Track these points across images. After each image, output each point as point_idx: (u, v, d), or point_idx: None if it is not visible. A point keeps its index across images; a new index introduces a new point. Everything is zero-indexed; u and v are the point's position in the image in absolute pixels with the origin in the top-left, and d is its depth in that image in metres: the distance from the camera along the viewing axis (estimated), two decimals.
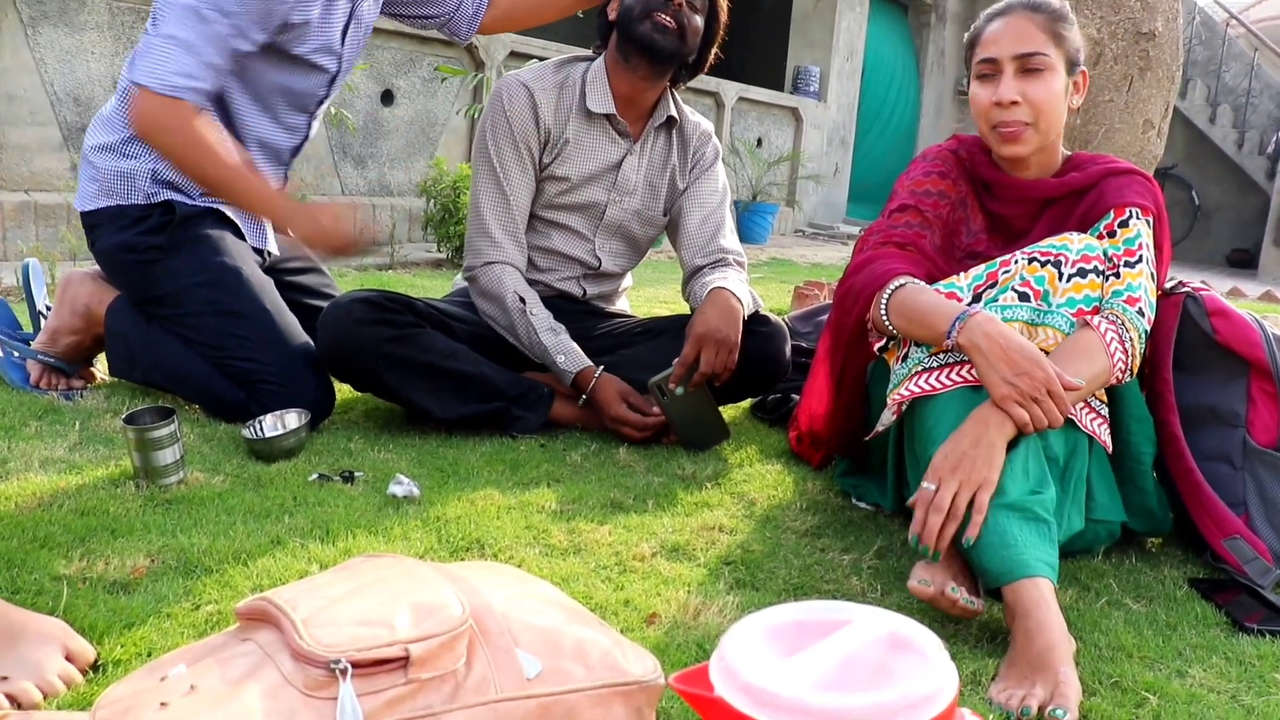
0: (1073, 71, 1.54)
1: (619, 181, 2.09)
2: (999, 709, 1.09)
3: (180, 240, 1.93)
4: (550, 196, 2.09)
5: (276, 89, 2.00)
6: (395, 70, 5.41)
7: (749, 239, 7.55)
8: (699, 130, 2.17)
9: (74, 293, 2.06)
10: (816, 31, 9.21)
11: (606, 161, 2.08)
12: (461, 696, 0.80)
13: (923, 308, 1.43)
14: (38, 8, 3.91)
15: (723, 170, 2.21)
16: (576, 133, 2.05)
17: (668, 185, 2.16)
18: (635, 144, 2.09)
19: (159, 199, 1.93)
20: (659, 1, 1.95)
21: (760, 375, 2.08)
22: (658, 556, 1.44)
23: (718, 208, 2.15)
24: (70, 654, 1.01)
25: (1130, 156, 2.88)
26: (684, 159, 2.16)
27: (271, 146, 2.06)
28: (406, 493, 1.59)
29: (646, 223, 2.18)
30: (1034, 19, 1.51)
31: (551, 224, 2.11)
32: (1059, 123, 1.55)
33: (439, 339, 1.92)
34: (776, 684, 0.70)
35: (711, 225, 2.12)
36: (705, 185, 2.15)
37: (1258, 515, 1.53)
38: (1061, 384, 1.30)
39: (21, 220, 3.80)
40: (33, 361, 2.06)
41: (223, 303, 1.90)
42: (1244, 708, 1.14)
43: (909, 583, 1.25)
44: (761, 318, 2.07)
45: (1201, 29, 10.62)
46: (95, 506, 1.45)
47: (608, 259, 2.16)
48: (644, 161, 2.11)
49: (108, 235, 1.95)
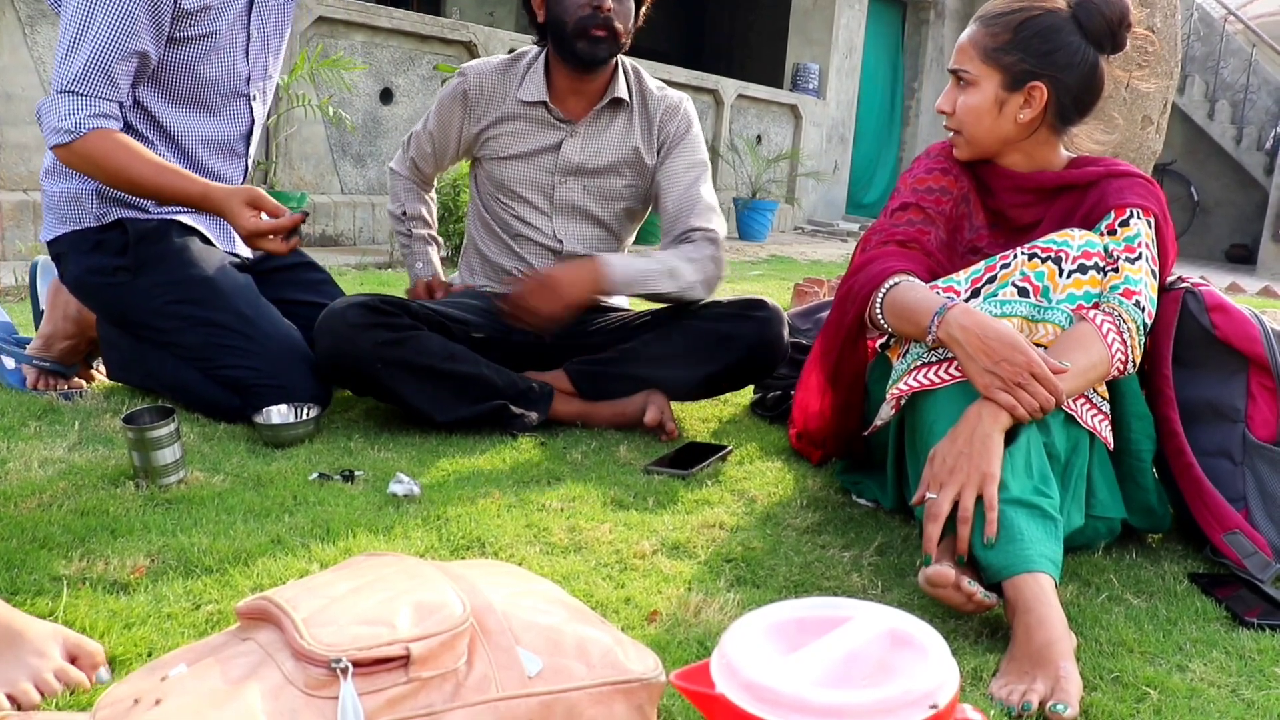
0: (1017, 86, 1.53)
1: (560, 163, 2.11)
2: (1000, 704, 1.09)
3: (144, 259, 1.90)
4: (498, 177, 2.15)
5: (200, 81, 1.94)
6: (394, 69, 5.40)
7: (749, 236, 7.55)
8: (663, 106, 2.15)
9: (65, 297, 2.05)
10: (816, 29, 9.21)
11: (543, 144, 2.11)
12: (463, 695, 0.80)
13: (910, 305, 1.43)
14: (35, 6, 3.91)
15: (698, 141, 2.17)
16: (512, 116, 2.11)
17: (632, 163, 2.15)
18: (577, 126, 2.10)
19: (109, 219, 1.91)
20: (589, 17, 1.97)
21: (758, 361, 2.08)
22: (658, 554, 1.44)
23: (691, 185, 2.13)
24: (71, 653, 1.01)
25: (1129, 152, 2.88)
26: (649, 136, 2.15)
27: (218, 141, 2.02)
28: (407, 491, 1.59)
29: (608, 200, 2.16)
30: (975, 34, 1.56)
31: (509, 208, 2.16)
32: (988, 134, 1.57)
33: (436, 341, 1.91)
34: (778, 681, 0.70)
35: (685, 203, 2.11)
36: (676, 163, 2.13)
37: (1257, 510, 1.54)
38: (1048, 367, 1.30)
39: (20, 220, 3.80)
40: (27, 367, 2.06)
41: (199, 316, 1.87)
42: (1244, 702, 1.14)
43: (923, 571, 1.24)
44: (758, 302, 2.08)
45: (1199, 25, 10.62)
46: (95, 506, 1.45)
47: (571, 241, 2.16)
48: (588, 143, 2.12)
49: (73, 262, 1.93)
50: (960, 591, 1.21)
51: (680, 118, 2.16)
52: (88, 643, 1.03)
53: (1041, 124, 1.56)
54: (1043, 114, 1.55)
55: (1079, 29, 1.52)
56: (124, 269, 1.90)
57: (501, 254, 2.19)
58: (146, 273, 1.89)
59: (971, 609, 1.23)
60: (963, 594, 1.21)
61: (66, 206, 1.91)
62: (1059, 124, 1.57)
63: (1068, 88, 1.53)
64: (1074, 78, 1.52)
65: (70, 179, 1.91)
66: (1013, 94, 1.53)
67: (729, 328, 2.05)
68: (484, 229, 2.22)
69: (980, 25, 1.56)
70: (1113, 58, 1.57)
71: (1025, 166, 1.61)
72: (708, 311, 2.09)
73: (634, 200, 2.19)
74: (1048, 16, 1.51)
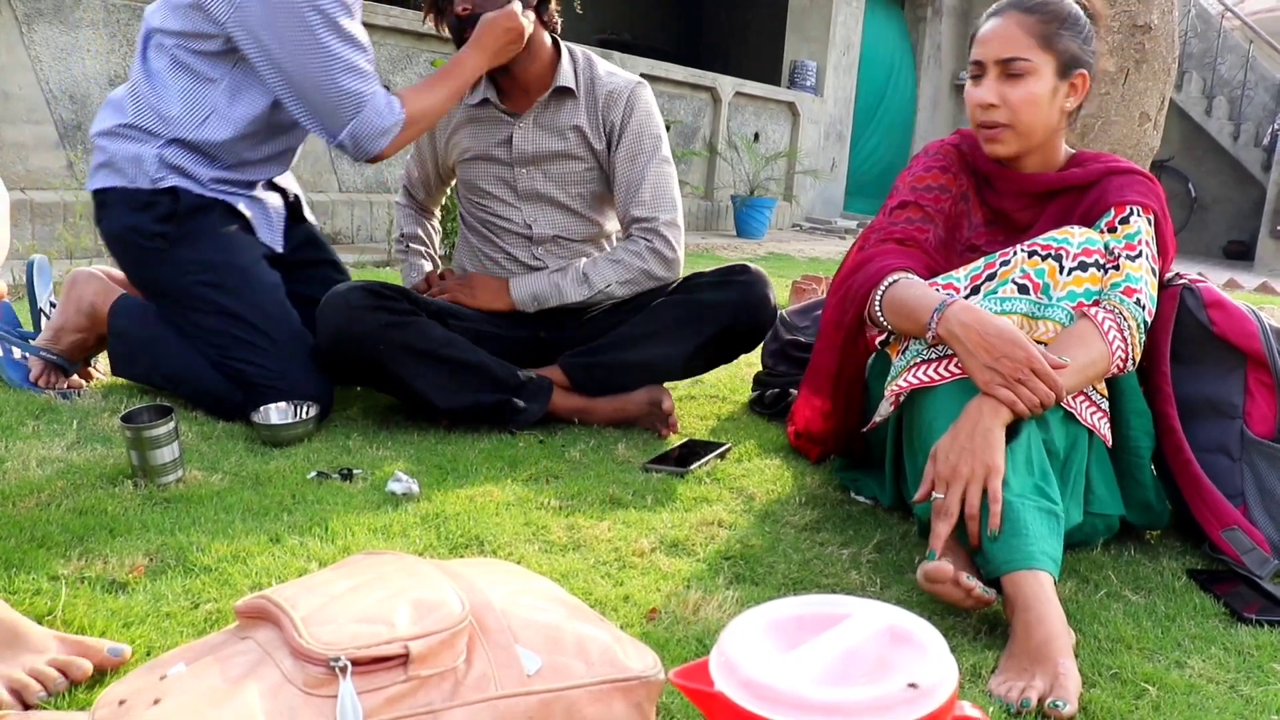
0: (1068, 74, 1.52)
1: (514, 155, 2.16)
2: (999, 701, 1.09)
3: (186, 232, 1.92)
4: (467, 178, 2.22)
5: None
6: (391, 66, 5.39)
7: (746, 234, 7.55)
8: (605, 92, 2.15)
9: (80, 291, 2.06)
10: (813, 26, 9.20)
11: (496, 137, 2.16)
12: (461, 693, 0.80)
13: (909, 302, 1.43)
14: (33, 5, 3.90)
15: (646, 126, 2.15)
16: (466, 121, 2.19)
17: (582, 148, 2.16)
18: (523, 118, 2.14)
19: (165, 184, 1.92)
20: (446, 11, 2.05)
21: (745, 325, 2.09)
22: (657, 552, 1.44)
23: (635, 174, 2.13)
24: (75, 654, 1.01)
25: (1126, 149, 2.88)
26: (594, 121, 2.16)
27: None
28: (405, 490, 1.59)
29: (570, 184, 2.18)
30: (1023, 21, 1.50)
31: (483, 205, 2.21)
32: (1042, 125, 1.53)
33: (436, 328, 1.93)
34: (776, 678, 0.70)
35: (628, 194, 2.14)
36: (621, 152, 2.15)
37: (1255, 506, 1.54)
38: (1048, 362, 1.30)
39: (18, 218, 3.79)
40: (34, 358, 2.06)
41: (225, 305, 1.90)
42: (1243, 698, 1.14)
43: (922, 567, 1.24)
44: (740, 267, 2.11)
45: (1197, 22, 10.61)
46: (93, 505, 1.45)
47: (541, 226, 2.19)
48: (536, 132, 2.15)
49: (116, 216, 1.95)
50: (959, 587, 1.21)
51: (624, 106, 2.14)
52: (88, 641, 1.03)
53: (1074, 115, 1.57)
54: (1081, 103, 1.55)
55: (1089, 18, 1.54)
56: (163, 236, 1.92)
57: (484, 245, 2.24)
58: (184, 246, 1.92)
59: (970, 605, 1.23)
60: (961, 589, 1.21)
61: (126, 164, 1.92)
62: (1077, 116, 1.58)
63: (1095, 77, 1.54)
64: (1096, 67, 1.54)
65: (136, 142, 1.92)
66: (1061, 82, 1.53)
67: (712, 295, 2.07)
68: (468, 228, 2.28)
69: (1023, 13, 1.52)
70: (1111, 55, 1.57)
71: (1038, 163, 1.60)
72: (690, 284, 2.12)
73: (597, 184, 2.21)
74: (1078, 5, 1.54)
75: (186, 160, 1.92)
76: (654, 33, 11.11)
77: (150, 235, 1.92)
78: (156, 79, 1.91)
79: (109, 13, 4.13)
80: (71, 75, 4.05)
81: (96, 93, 4.12)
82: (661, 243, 2.12)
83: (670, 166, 2.17)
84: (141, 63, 1.92)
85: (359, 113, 1.86)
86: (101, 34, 4.12)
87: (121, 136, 1.93)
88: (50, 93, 4.01)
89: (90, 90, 4.11)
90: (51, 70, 4.00)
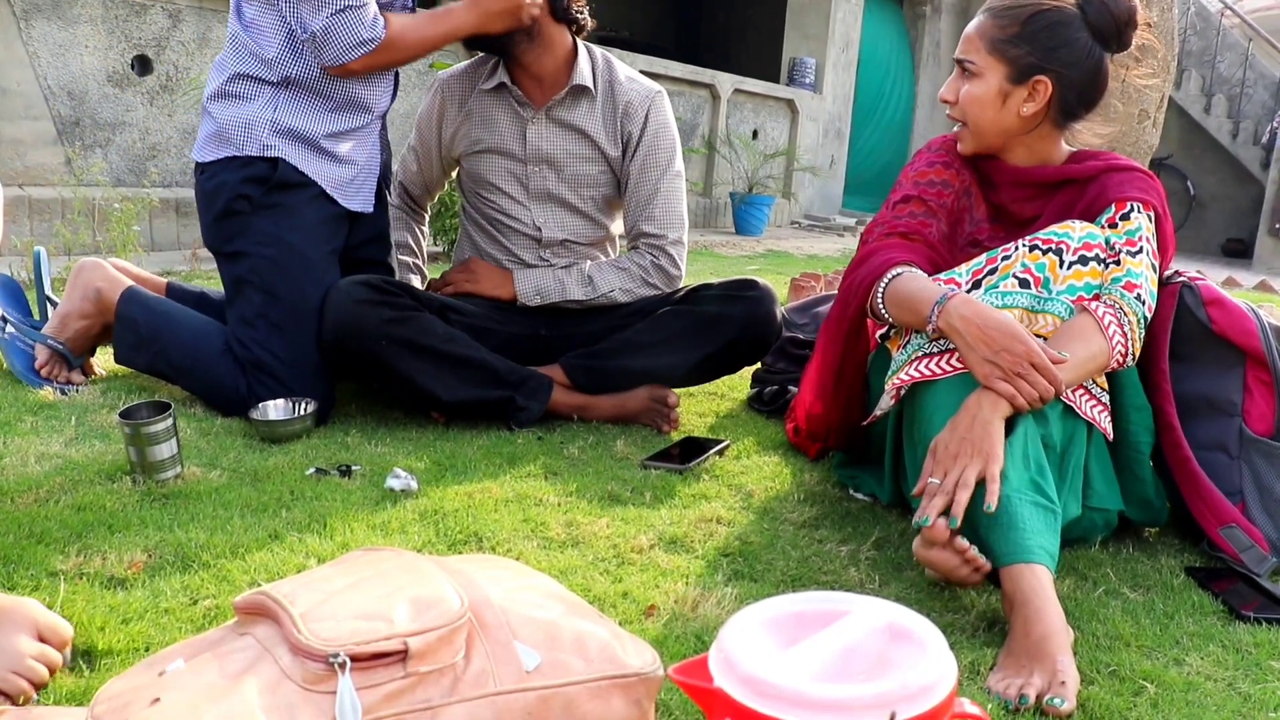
0: (1023, 79, 1.52)
1: (528, 151, 2.14)
2: (997, 698, 1.09)
3: (271, 203, 1.92)
4: (476, 171, 2.18)
5: None
6: None
7: (745, 231, 7.55)
8: (625, 101, 2.14)
9: (87, 277, 2.06)
10: (812, 23, 9.19)
11: (511, 131, 2.14)
12: (460, 690, 0.80)
13: (911, 295, 1.44)
14: (30, 1, 3.89)
15: (661, 139, 2.15)
16: (480, 106, 2.15)
17: (596, 152, 2.15)
18: (539, 112, 2.12)
19: (272, 153, 1.92)
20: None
21: (751, 341, 2.10)
22: (656, 549, 1.44)
23: (648, 188, 2.14)
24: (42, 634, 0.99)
25: (1125, 146, 2.88)
26: (612, 128, 2.15)
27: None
28: (404, 486, 1.59)
29: (583, 186, 2.17)
30: (982, 25, 1.55)
31: (490, 202, 2.18)
32: (991, 126, 1.56)
33: (438, 323, 1.93)
34: (776, 675, 0.70)
35: (638, 207, 2.15)
36: (636, 162, 2.14)
37: (1254, 504, 1.54)
38: (1048, 356, 1.30)
39: (16, 215, 3.79)
40: (40, 346, 2.07)
41: (274, 285, 1.90)
42: (1241, 695, 1.14)
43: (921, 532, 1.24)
44: (748, 282, 2.10)
45: (1196, 19, 10.61)
46: (92, 502, 1.45)
47: (550, 228, 2.17)
48: (552, 131, 2.13)
49: (217, 173, 1.95)
50: (956, 552, 1.21)
51: (642, 116, 2.14)
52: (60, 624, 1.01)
53: (1045, 119, 1.56)
54: (1046, 108, 1.54)
55: (1087, 26, 1.51)
56: (247, 199, 1.92)
57: (490, 244, 2.22)
58: (265, 216, 1.92)
59: (965, 573, 1.23)
60: (956, 551, 1.21)
61: (236, 131, 1.92)
62: (1061, 119, 1.57)
63: (1072, 83, 1.53)
64: (1079, 74, 1.52)
65: (248, 105, 1.92)
66: (1017, 87, 1.53)
67: (719, 309, 2.07)
68: (473, 225, 2.26)
69: (989, 16, 1.55)
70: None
71: (1027, 160, 1.61)
72: (698, 296, 2.12)
73: (609, 188, 2.20)
74: (1056, 12, 1.51)
75: (299, 115, 1.93)
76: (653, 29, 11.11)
77: (235, 197, 1.92)
78: (251, 28, 1.91)
79: (107, 8, 4.12)
80: (69, 71, 4.05)
81: (94, 89, 4.11)
82: (667, 260, 2.15)
83: (681, 180, 2.18)
84: (236, 18, 1.93)
85: (343, 11, 1.84)
86: (99, 30, 4.11)
87: (231, 97, 1.93)
88: (48, 89, 4.00)
89: (88, 86, 4.10)
90: (49, 66, 3.99)
